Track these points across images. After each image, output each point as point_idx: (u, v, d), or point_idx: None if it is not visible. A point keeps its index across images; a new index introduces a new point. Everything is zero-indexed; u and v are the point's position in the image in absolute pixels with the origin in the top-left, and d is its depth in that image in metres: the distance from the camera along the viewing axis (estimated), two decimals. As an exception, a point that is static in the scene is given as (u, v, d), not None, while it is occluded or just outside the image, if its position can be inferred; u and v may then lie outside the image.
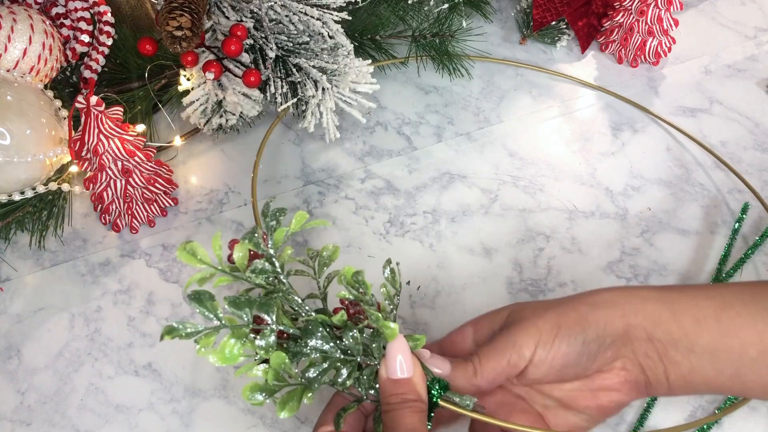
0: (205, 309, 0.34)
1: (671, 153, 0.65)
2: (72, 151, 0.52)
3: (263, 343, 0.35)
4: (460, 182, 0.62)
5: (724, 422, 0.48)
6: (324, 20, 0.56)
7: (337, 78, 0.56)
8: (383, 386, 0.35)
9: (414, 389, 0.35)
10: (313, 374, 0.35)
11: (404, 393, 0.35)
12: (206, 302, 0.34)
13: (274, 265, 0.37)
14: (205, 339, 0.34)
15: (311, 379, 0.35)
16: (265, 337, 0.35)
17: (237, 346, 0.35)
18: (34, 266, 0.56)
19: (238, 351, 0.35)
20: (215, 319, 0.35)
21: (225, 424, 0.48)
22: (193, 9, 0.49)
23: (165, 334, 0.34)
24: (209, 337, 0.35)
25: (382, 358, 0.36)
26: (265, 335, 0.35)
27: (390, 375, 0.35)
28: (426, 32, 0.67)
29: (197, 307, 0.34)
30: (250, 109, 0.57)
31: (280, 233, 0.38)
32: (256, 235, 0.37)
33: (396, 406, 0.35)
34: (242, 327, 0.35)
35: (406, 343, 0.36)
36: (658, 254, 0.58)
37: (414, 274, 0.56)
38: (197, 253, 0.35)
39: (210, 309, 0.34)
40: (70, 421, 0.48)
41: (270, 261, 0.37)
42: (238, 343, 0.35)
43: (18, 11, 0.53)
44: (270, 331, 0.35)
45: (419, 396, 0.35)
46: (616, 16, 0.72)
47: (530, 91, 0.70)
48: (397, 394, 0.35)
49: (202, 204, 0.60)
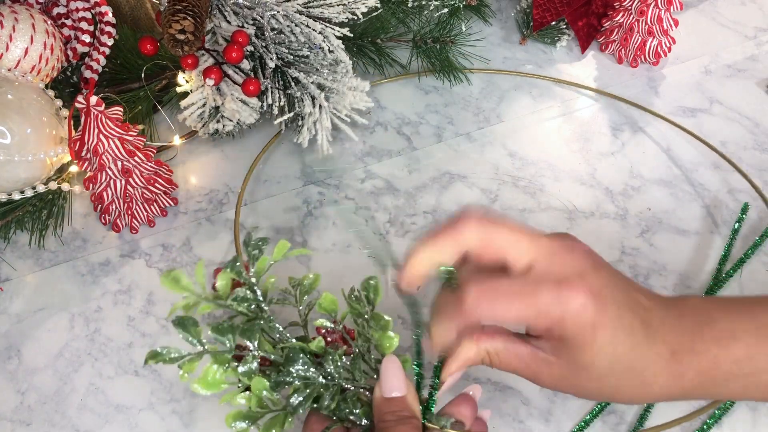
0: (189, 334, 0.35)
1: (671, 153, 0.65)
2: (72, 151, 0.52)
3: (245, 369, 0.36)
4: (460, 182, 0.62)
5: (723, 422, 0.48)
6: (325, 34, 0.56)
7: (335, 96, 0.56)
8: (378, 405, 0.36)
9: (408, 407, 0.35)
10: (296, 401, 0.36)
11: (399, 411, 0.35)
12: (190, 328, 0.35)
13: (256, 294, 0.38)
14: (188, 365, 0.35)
15: (295, 406, 0.36)
16: (248, 363, 0.36)
17: (219, 372, 0.35)
18: (34, 266, 0.56)
19: (220, 377, 0.35)
20: (198, 345, 0.35)
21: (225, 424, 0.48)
22: (195, 13, 0.50)
23: (149, 359, 0.35)
24: (192, 363, 0.35)
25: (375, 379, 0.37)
26: (247, 361, 0.36)
27: (384, 394, 0.36)
28: (427, 37, 0.67)
29: (181, 333, 0.35)
30: (248, 116, 0.57)
31: (263, 262, 0.38)
32: (238, 264, 0.38)
33: (392, 424, 0.35)
34: (225, 353, 0.36)
35: (399, 362, 0.36)
36: (658, 254, 0.58)
37: (414, 274, 0.56)
38: (180, 281, 0.36)
39: (193, 335, 0.35)
40: (70, 421, 0.48)
41: (252, 289, 0.38)
42: (220, 369, 0.35)
43: (20, 11, 0.53)
44: (252, 358, 0.36)
45: (414, 413, 0.35)
46: (616, 16, 0.72)
47: (530, 91, 0.70)
48: (393, 412, 0.35)
49: (202, 204, 0.60)
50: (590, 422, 0.48)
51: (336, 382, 0.37)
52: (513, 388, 0.50)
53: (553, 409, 0.49)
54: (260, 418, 0.36)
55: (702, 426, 0.48)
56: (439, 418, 0.37)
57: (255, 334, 0.36)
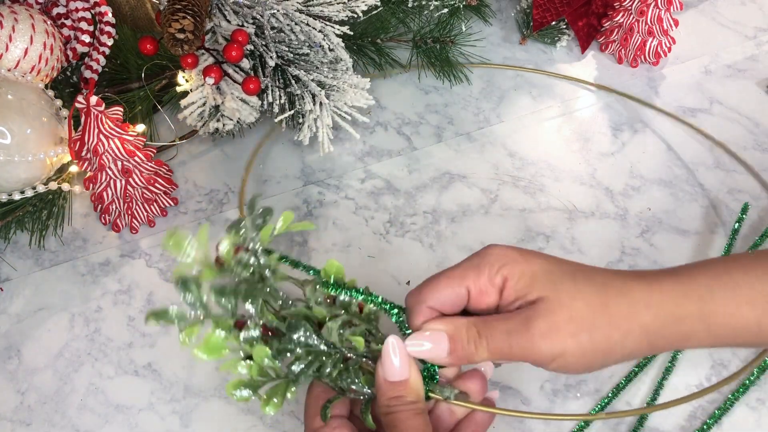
0: (191, 294, 0.34)
1: (671, 153, 0.65)
2: (72, 151, 0.52)
3: (247, 335, 0.35)
4: (460, 182, 0.62)
5: (724, 422, 0.48)
6: (325, 32, 0.56)
7: (335, 94, 0.56)
8: (381, 388, 0.35)
9: (412, 390, 0.35)
10: (297, 368, 0.35)
11: (402, 395, 0.35)
12: (192, 287, 0.34)
13: (259, 260, 0.37)
14: (189, 328, 0.34)
15: (297, 374, 0.35)
16: (249, 330, 0.35)
17: (221, 338, 0.35)
18: (34, 266, 0.56)
19: (222, 342, 0.35)
20: (200, 308, 0.34)
21: (225, 424, 0.48)
22: (195, 12, 0.50)
23: (150, 317, 0.34)
24: (193, 327, 0.34)
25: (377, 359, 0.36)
26: (249, 328, 0.35)
27: (387, 377, 0.35)
28: (427, 37, 0.67)
29: (183, 292, 0.34)
30: (248, 115, 0.57)
31: (267, 230, 0.38)
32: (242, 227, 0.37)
33: (396, 408, 0.34)
34: (226, 318, 0.35)
35: (401, 343, 0.35)
36: (658, 254, 0.58)
37: (414, 274, 0.56)
38: (183, 243, 0.35)
39: (196, 295, 0.34)
40: (70, 421, 0.48)
41: (255, 254, 0.37)
42: (222, 333, 0.35)
43: (19, 11, 0.53)
44: (254, 325, 0.35)
45: (418, 397, 0.35)
46: (616, 16, 0.72)
47: (530, 91, 0.70)
48: (397, 396, 0.35)
49: (202, 204, 0.60)
50: (590, 422, 0.48)
51: (339, 351, 0.36)
52: (513, 388, 0.50)
53: (553, 409, 0.49)
54: (261, 387, 0.35)
55: (702, 426, 0.48)
56: (443, 389, 0.36)
57: (257, 297, 0.35)
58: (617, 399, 0.49)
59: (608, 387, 0.50)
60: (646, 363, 0.51)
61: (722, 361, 0.51)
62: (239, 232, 0.37)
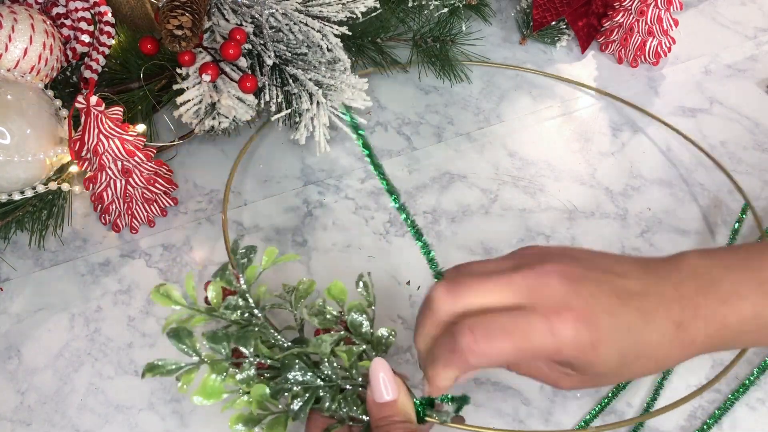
0: (184, 345, 0.35)
1: (671, 153, 0.65)
2: (72, 151, 0.52)
3: (243, 376, 0.36)
4: (460, 182, 0.62)
5: (724, 422, 0.48)
6: (324, 32, 0.56)
7: (333, 93, 0.56)
8: (370, 410, 0.36)
9: (400, 411, 0.35)
10: (296, 406, 0.36)
11: (392, 415, 0.35)
12: (185, 339, 0.35)
13: (248, 301, 0.38)
14: (186, 375, 0.36)
15: (296, 412, 0.36)
16: (245, 370, 0.36)
17: (218, 381, 0.36)
18: (34, 266, 0.56)
19: (219, 386, 0.36)
20: (194, 355, 0.35)
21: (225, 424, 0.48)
22: (194, 9, 0.50)
23: (147, 372, 0.35)
24: (190, 374, 0.36)
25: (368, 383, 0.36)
26: (244, 369, 0.36)
27: (376, 399, 0.36)
28: (427, 36, 0.67)
29: (176, 345, 0.35)
30: (244, 113, 0.57)
31: (252, 270, 0.39)
32: (228, 272, 0.38)
33: (385, 429, 0.35)
34: (221, 361, 0.36)
35: (387, 365, 0.36)
36: (658, 254, 0.57)
37: (414, 274, 0.56)
38: (171, 296, 0.37)
39: (189, 345, 0.35)
40: (70, 421, 0.48)
41: (243, 297, 0.38)
42: (219, 377, 0.36)
43: (19, 11, 0.53)
44: (249, 365, 0.36)
45: (407, 416, 0.35)
46: (616, 16, 0.72)
47: (530, 91, 0.70)
48: (385, 417, 0.35)
49: (202, 204, 0.60)
50: (590, 422, 0.48)
51: (334, 383, 0.37)
52: (513, 388, 0.50)
53: (553, 409, 0.49)
54: (262, 420, 0.36)
55: (702, 426, 0.48)
56: (440, 413, 0.37)
57: (250, 340, 0.36)
58: (617, 399, 0.49)
59: (608, 387, 0.50)
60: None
61: (722, 362, 0.51)
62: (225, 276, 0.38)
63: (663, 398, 0.49)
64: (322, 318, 0.39)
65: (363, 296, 0.40)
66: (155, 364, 0.35)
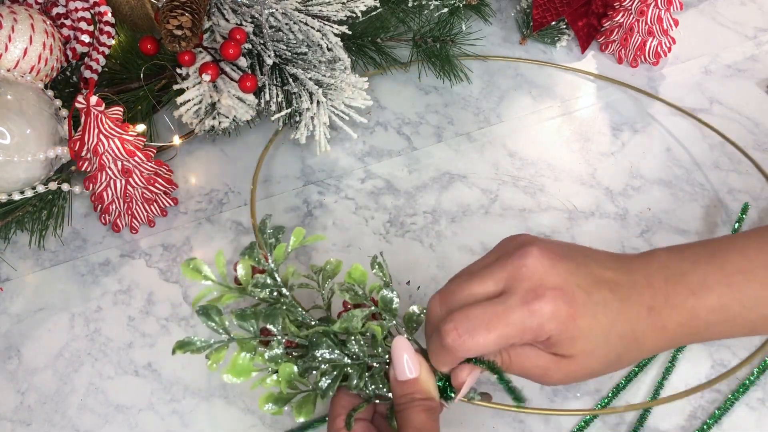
0: (213, 323, 0.35)
1: (671, 153, 0.65)
2: (72, 151, 0.52)
3: (272, 354, 0.36)
4: (460, 182, 0.62)
5: (724, 422, 0.48)
6: (324, 32, 0.56)
7: (333, 92, 0.56)
8: (393, 388, 0.37)
9: (422, 388, 0.36)
10: (324, 383, 0.36)
11: (413, 393, 0.36)
12: (214, 316, 0.36)
13: (276, 280, 0.38)
14: (215, 354, 0.36)
15: (325, 389, 0.36)
16: (273, 349, 0.36)
17: (247, 359, 0.36)
18: (34, 266, 0.56)
19: (248, 364, 0.36)
20: (223, 333, 0.36)
21: (225, 424, 0.48)
22: (194, 9, 0.50)
23: (177, 348, 0.36)
24: (220, 352, 0.36)
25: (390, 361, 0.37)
26: (272, 347, 0.36)
27: (398, 377, 0.36)
28: (427, 36, 0.67)
29: (205, 321, 0.36)
30: (244, 113, 0.57)
31: (280, 249, 0.39)
32: (256, 251, 0.38)
33: (406, 405, 0.36)
34: (250, 340, 0.36)
35: (409, 344, 0.37)
36: (658, 254, 0.58)
37: (414, 274, 0.56)
38: (201, 270, 0.37)
39: (218, 323, 0.35)
40: (70, 421, 0.48)
41: (271, 276, 0.38)
42: (248, 356, 0.36)
43: (19, 11, 0.53)
44: (277, 343, 0.36)
45: (428, 394, 0.36)
46: (616, 16, 0.72)
47: (530, 91, 0.70)
48: (407, 395, 0.36)
49: (202, 204, 0.60)
50: (590, 422, 0.48)
51: (362, 361, 0.37)
52: (513, 388, 0.50)
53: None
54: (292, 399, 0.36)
55: (702, 426, 0.48)
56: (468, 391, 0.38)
57: (277, 318, 0.37)
58: (617, 399, 0.49)
59: (608, 387, 0.50)
60: (646, 363, 0.51)
61: (722, 361, 0.51)
62: (253, 254, 0.38)
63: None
64: (353, 294, 0.39)
65: (379, 277, 0.40)
66: (186, 341, 0.36)
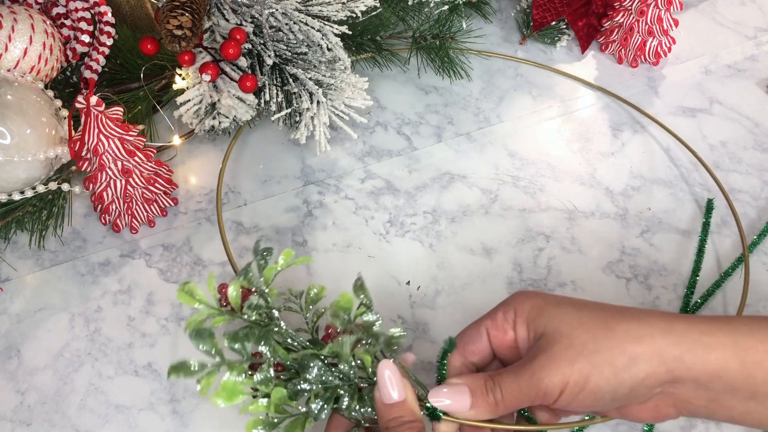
0: (207, 345, 0.36)
1: (671, 153, 0.65)
2: (72, 151, 0.52)
3: (262, 377, 0.36)
4: (460, 182, 0.62)
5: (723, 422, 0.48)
6: (324, 32, 0.56)
7: (333, 92, 0.56)
8: (379, 411, 0.36)
9: (409, 410, 0.36)
10: (317, 406, 0.36)
11: (401, 416, 0.36)
12: (207, 339, 0.36)
13: (267, 301, 0.38)
14: (206, 379, 0.36)
15: (317, 412, 0.36)
16: (264, 372, 0.36)
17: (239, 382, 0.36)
18: (34, 266, 0.56)
19: (238, 386, 0.36)
20: (216, 356, 0.36)
21: (225, 424, 0.48)
22: (194, 9, 0.49)
23: (171, 372, 0.35)
24: (210, 377, 0.36)
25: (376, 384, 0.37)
26: (263, 369, 0.36)
27: (384, 400, 0.36)
28: (426, 33, 0.67)
29: (199, 344, 0.35)
30: (244, 113, 0.57)
31: (270, 271, 0.39)
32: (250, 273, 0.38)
33: (396, 429, 0.35)
34: (241, 363, 0.36)
35: (394, 366, 0.36)
36: (658, 254, 0.58)
37: (414, 274, 0.56)
38: (195, 294, 0.37)
39: (211, 345, 0.36)
40: (70, 421, 0.48)
41: (263, 296, 0.38)
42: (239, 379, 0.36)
43: (19, 11, 0.53)
44: (267, 365, 0.36)
45: (415, 416, 0.36)
46: (616, 16, 0.72)
47: (530, 91, 0.70)
48: (395, 418, 0.36)
49: (202, 204, 0.60)
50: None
51: (353, 382, 0.37)
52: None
53: (553, 409, 0.49)
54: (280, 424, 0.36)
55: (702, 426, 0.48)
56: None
57: (269, 339, 0.36)
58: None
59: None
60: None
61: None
62: (246, 276, 0.38)
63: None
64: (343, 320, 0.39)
65: (361, 299, 0.40)
66: (180, 365, 0.35)
